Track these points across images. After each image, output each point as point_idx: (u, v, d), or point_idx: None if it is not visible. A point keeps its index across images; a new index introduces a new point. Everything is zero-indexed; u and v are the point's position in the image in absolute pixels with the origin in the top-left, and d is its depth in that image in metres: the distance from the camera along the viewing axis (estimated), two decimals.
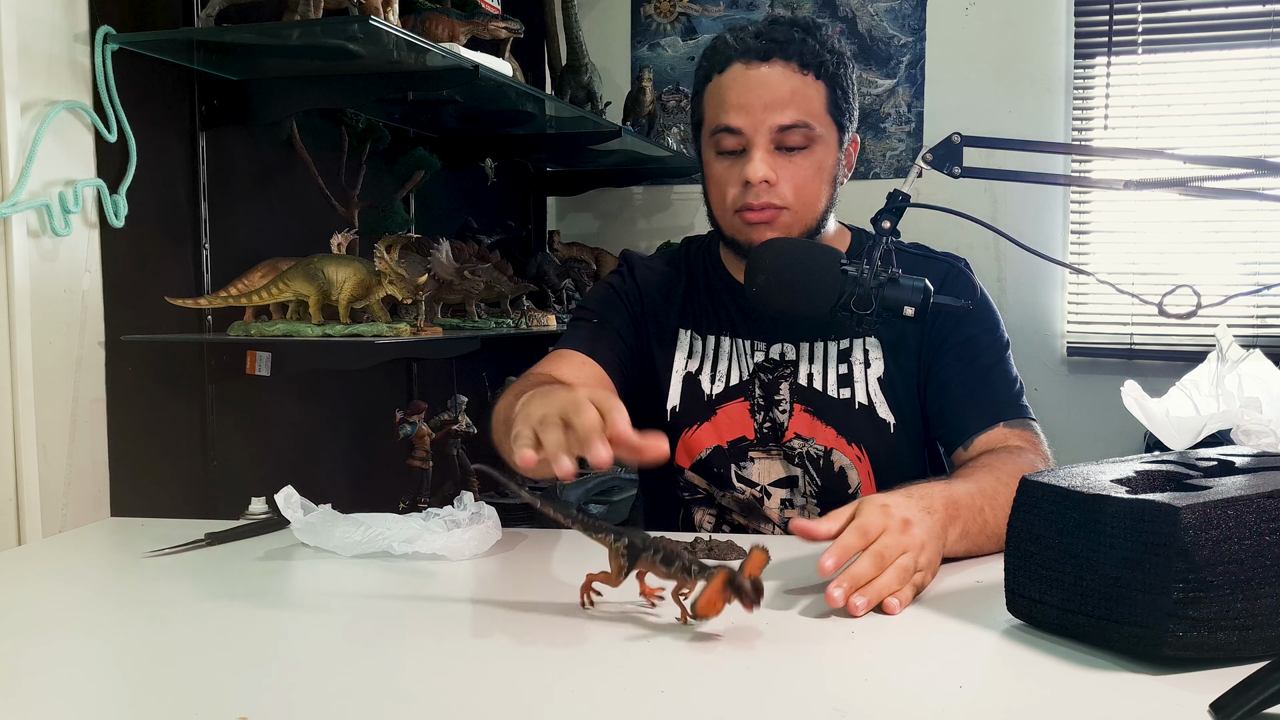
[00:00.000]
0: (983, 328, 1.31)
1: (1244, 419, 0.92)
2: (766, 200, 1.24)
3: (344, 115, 1.96)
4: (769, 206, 1.25)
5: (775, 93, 1.23)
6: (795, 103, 1.23)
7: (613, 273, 1.46)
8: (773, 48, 1.24)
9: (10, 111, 1.32)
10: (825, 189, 1.28)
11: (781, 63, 1.24)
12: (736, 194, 1.26)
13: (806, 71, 1.24)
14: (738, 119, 1.24)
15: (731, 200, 1.27)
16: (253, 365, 1.60)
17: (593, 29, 2.71)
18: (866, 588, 0.90)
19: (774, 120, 1.23)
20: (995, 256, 2.79)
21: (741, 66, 1.25)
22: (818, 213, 1.29)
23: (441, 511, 1.13)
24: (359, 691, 0.73)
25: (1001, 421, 1.25)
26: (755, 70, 1.24)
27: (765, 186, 1.24)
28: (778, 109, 1.23)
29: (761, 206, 1.25)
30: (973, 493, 1.08)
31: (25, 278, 1.34)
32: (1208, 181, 1.07)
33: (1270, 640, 0.74)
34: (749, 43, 1.25)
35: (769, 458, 1.31)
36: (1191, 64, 2.75)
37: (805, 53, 1.24)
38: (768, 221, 1.26)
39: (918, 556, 0.94)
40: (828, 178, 1.28)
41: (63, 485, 1.42)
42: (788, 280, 1.16)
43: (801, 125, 1.24)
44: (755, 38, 1.25)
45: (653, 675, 0.76)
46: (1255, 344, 1.15)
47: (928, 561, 0.96)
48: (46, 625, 0.90)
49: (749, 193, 1.24)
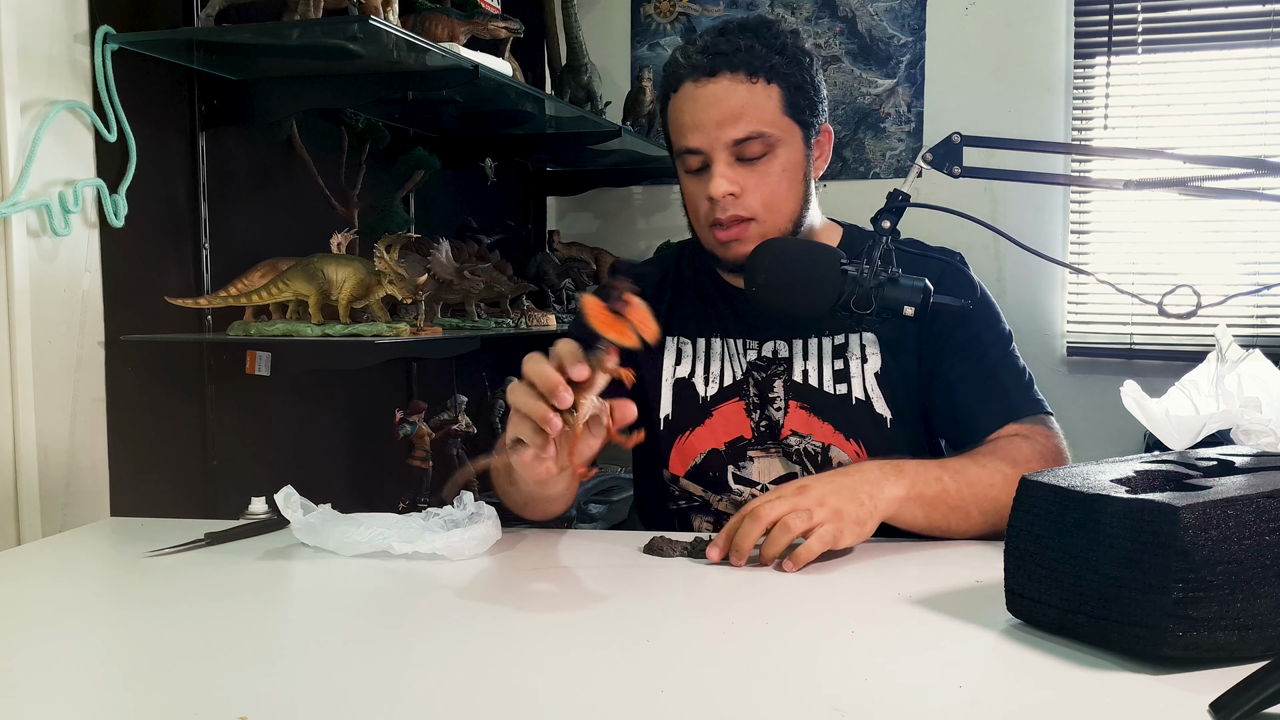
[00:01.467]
0: (985, 324, 1.31)
1: (1244, 419, 0.92)
2: (734, 213, 1.24)
3: (344, 115, 1.96)
4: (737, 220, 1.25)
5: (725, 108, 1.22)
6: (747, 114, 1.22)
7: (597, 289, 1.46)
8: (718, 61, 1.22)
9: (10, 111, 1.32)
10: (795, 189, 1.28)
11: (729, 75, 1.22)
12: (707, 210, 1.26)
13: (756, 79, 1.23)
14: (694, 139, 1.24)
15: (704, 216, 1.27)
16: (253, 365, 1.60)
17: (593, 29, 2.71)
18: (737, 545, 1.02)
19: (727, 135, 1.22)
20: (995, 256, 2.79)
21: (691, 85, 1.24)
22: (791, 215, 1.28)
23: (441, 511, 1.13)
24: (359, 691, 0.73)
25: (1013, 420, 1.25)
26: (704, 88, 1.23)
27: (731, 199, 1.24)
28: (729, 124, 1.22)
29: (730, 221, 1.25)
30: (929, 464, 1.14)
31: (25, 278, 1.34)
32: (1208, 181, 1.07)
33: (1270, 640, 0.74)
34: (695, 59, 1.24)
35: (768, 456, 1.31)
36: (1191, 64, 2.75)
37: (753, 60, 1.22)
38: (737, 237, 1.26)
39: (815, 510, 1.02)
40: (796, 178, 1.27)
41: (63, 485, 1.42)
42: (788, 280, 1.16)
43: (756, 136, 1.23)
44: (701, 53, 1.24)
45: (653, 675, 0.76)
46: (1255, 344, 1.15)
47: (831, 513, 1.03)
48: (46, 625, 0.90)
49: (716, 208, 1.24)
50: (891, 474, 1.10)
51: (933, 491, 1.11)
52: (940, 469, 1.14)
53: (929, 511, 1.11)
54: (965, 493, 1.13)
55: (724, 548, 1.04)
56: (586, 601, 0.96)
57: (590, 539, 1.19)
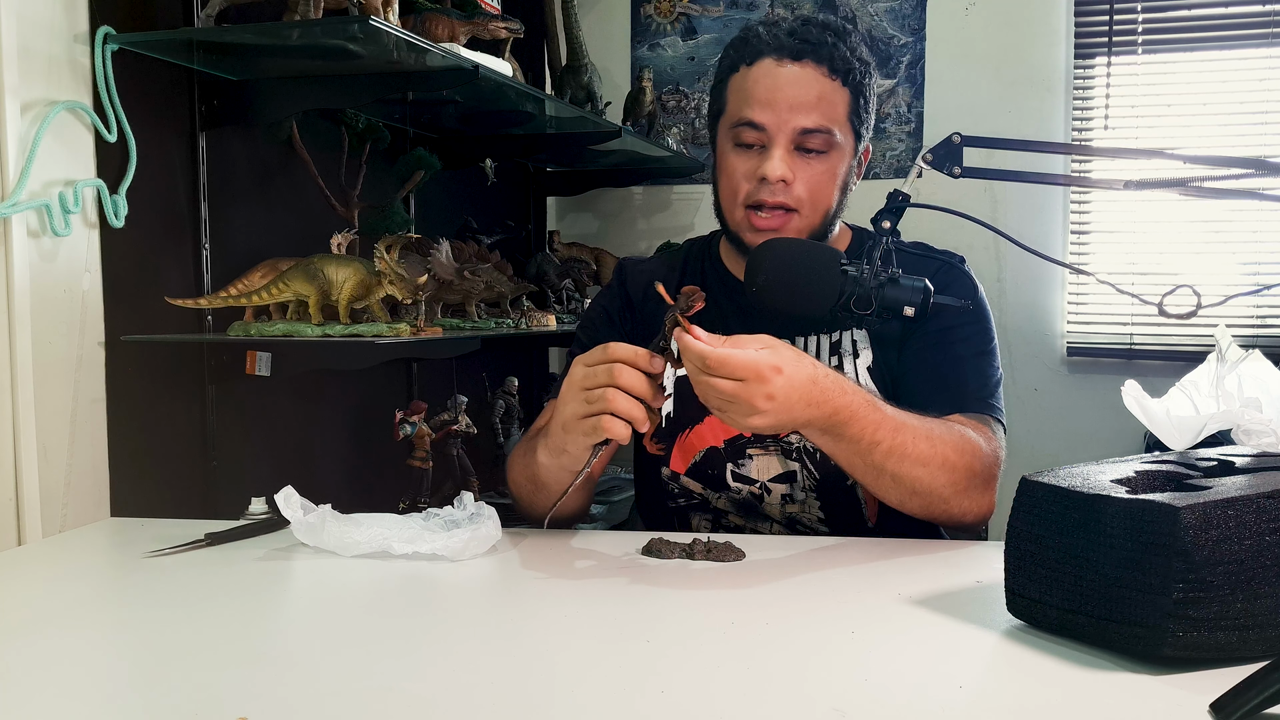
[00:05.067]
0: (966, 318, 1.30)
1: (1244, 419, 0.92)
2: (780, 200, 1.25)
3: (344, 115, 1.96)
4: (781, 207, 1.25)
5: (803, 94, 1.23)
6: (821, 107, 1.23)
7: (604, 288, 1.47)
8: (805, 48, 1.23)
9: (10, 111, 1.32)
10: (836, 195, 1.29)
11: (813, 64, 1.23)
12: (750, 189, 1.26)
13: (835, 77, 1.24)
14: (762, 115, 1.24)
15: (744, 195, 1.27)
16: (253, 365, 1.60)
17: (593, 29, 2.71)
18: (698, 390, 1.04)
19: (798, 122, 1.23)
20: (995, 256, 2.79)
21: (772, 62, 1.24)
22: (827, 217, 1.29)
23: (441, 511, 1.14)
24: (358, 691, 0.73)
25: (962, 411, 1.23)
26: (785, 68, 1.24)
27: (781, 185, 1.24)
28: (803, 111, 1.23)
29: (774, 206, 1.25)
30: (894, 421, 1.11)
31: (25, 278, 1.34)
32: (1208, 181, 1.07)
33: (1270, 640, 0.74)
34: (782, 39, 1.24)
35: (767, 454, 1.31)
36: (1191, 64, 2.75)
37: (836, 57, 1.24)
38: (776, 227, 1.26)
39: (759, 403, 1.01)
40: (840, 184, 1.29)
41: (63, 485, 1.42)
42: (788, 280, 1.16)
43: (824, 130, 1.24)
44: (789, 35, 1.24)
45: (653, 675, 0.76)
46: (1255, 344, 1.15)
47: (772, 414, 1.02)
48: (46, 625, 0.90)
49: (764, 189, 1.24)
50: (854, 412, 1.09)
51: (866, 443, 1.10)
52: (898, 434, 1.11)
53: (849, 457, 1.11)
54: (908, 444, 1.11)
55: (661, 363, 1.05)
56: (586, 602, 0.96)
57: (590, 539, 1.19)
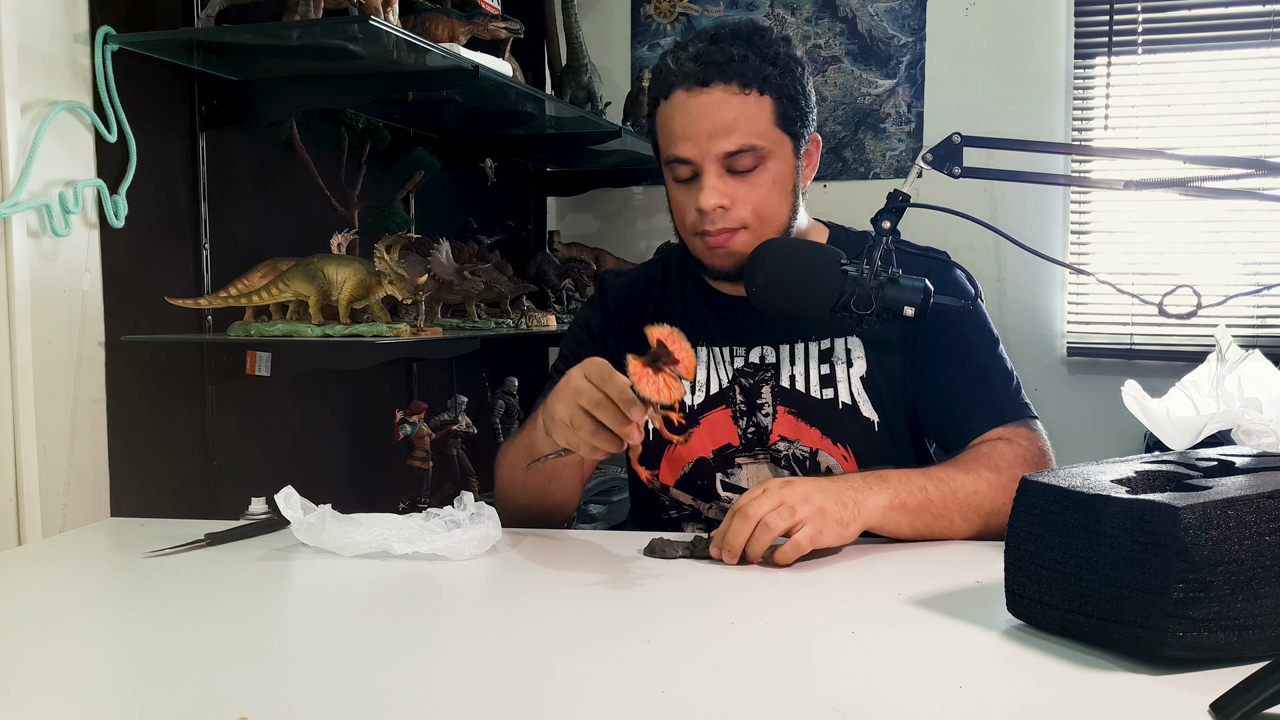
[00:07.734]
0: (973, 324, 1.30)
1: (1244, 419, 0.92)
2: (722, 225, 1.23)
3: (344, 115, 1.96)
4: (724, 230, 1.24)
5: (717, 119, 1.20)
6: (739, 126, 1.20)
7: (587, 302, 1.46)
8: (711, 71, 1.20)
9: (10, 111, 1.32)
10: (785, 200, 1.26)
11: (721, 86, 1.20)
12: (695, 219, 1.25)
13: (749, 90, 1.20)
14: (685, 149, 1.22)
15: (691, 225, 1.26)
16: (253, 365, 1.60)
17: (593, 29, 2.71)
18: (729, 544, 1.04)
19: (720, 147, 1.20)
20: (995, 256, 2.79)
21: (683, 93, 1.21)
22: (781, 224, 1.27)
23: (441, 511, 1.13)
24: (359, 691, 0.73)
25: (1001, 424, 1.25)
26: (696, 98, 1.21)
27: (720, 212, 1.22)
28: (722, 136, 1.20)
29: (718, 231, 1.24)
30: (912, 473, 1.15)
31: (25, 278, 1.34)
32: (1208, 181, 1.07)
33: (1270, 640, 0.74)
34: (687, 67, 1.21)
35: (756, 463, 1.30)
36: (1191, 64, 2.75)
37: (746, 71, 1.20)
38: (724, 244, 1.25)
39: (798, 507, 1.04)
40: (786, 189, 1.26)
41: (63, 485, 1.42)
42: (787, 280, 1.16)
43: (748, 149, 1.21)
44: (694, 61, 1.21)
45: (653, 675, 0.76)
46: (1255, 344, 1.15)
47: (815, 510, 1.04)
48: (46, 625, 0.90)
49: (704, 219, 1.23)
50: (875, 483, 1.11)
51: (916, 500, 1.12)
52: (924, 478, 1.14)
53: (913, 519, 1.13)
54: (949, 500, 1.14)
55: (719, 547, 1.06)
56: (587, 601, 0.96)
57: (590, 539, 1.19)
